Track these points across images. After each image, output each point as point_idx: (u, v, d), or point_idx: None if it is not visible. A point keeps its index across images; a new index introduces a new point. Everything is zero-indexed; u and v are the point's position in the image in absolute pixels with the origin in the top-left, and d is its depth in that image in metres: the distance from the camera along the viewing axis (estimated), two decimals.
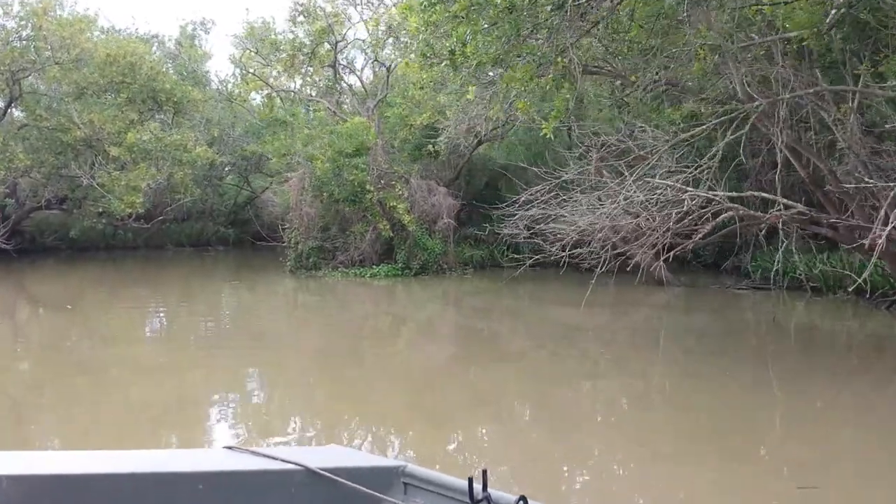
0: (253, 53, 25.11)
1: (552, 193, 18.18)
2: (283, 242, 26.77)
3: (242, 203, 36.86)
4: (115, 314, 16.49)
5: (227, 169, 35.04)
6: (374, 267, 21.57)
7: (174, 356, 11.87)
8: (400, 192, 20.95)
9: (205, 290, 21.00)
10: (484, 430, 8.27)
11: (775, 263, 12.97)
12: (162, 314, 16.64)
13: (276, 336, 14.16)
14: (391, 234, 21.15)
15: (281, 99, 27.46)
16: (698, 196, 12.51)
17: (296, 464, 2.32)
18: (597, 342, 13.51)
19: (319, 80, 25.35)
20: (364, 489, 2.24)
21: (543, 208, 17.19)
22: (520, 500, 2.00)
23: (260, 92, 32.47)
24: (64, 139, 24.57)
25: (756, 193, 13.61)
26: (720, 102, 12.05)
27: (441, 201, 21.55)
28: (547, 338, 13.69)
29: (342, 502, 2.26)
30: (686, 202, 12.37)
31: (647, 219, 13.64)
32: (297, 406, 9.42)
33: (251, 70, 27.93)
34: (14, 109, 25.89)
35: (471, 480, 2.11)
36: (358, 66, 25.71)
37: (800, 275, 16.10)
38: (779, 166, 12.13)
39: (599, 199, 15.79)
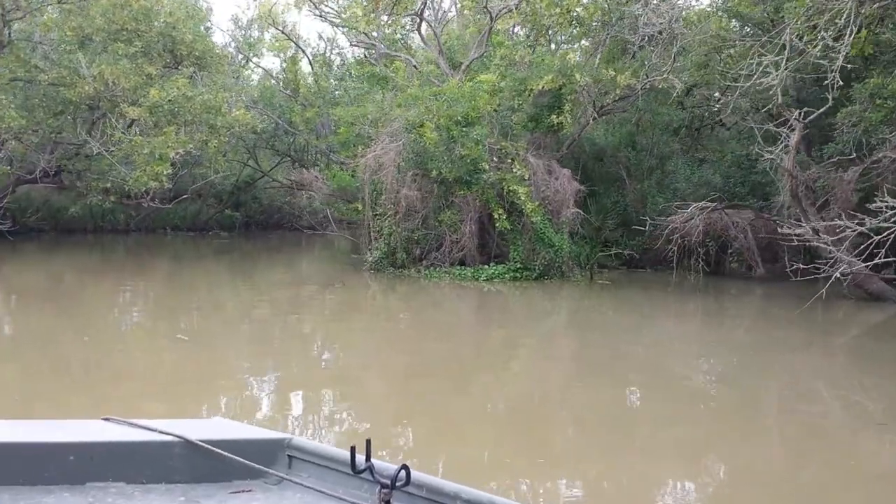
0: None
1: None
2: (329, 231, 22.37)
3: (244, 183, 31.92)
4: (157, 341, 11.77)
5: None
6: (485, 267, 17.18)
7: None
8: (520, 173, 16.57)
9: (289, 295, 16.28)
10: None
11: None
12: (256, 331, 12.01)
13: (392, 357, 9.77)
14: (508, 227, 16.75)
15: (324, 63, 22.86)
16: None
17: (174, 435, 2.24)
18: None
19: (395, 32, 20.59)
20: (246, 462, 2.19)
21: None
22: (402, 468, 1.92)
23: (280, 54, 27.74)
24: (68, 95, 19.35)
25: None
26: None
27: (566, 186, 17.23)
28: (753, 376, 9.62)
29: (223, 475, 2.20)
30: None
31: None
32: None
33: (280, 27, 23.23)
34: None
35: (353, 450, 2.03)
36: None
37: None
38: None
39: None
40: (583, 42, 21.99)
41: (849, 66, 12.10)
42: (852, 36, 8.60)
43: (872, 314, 13.90)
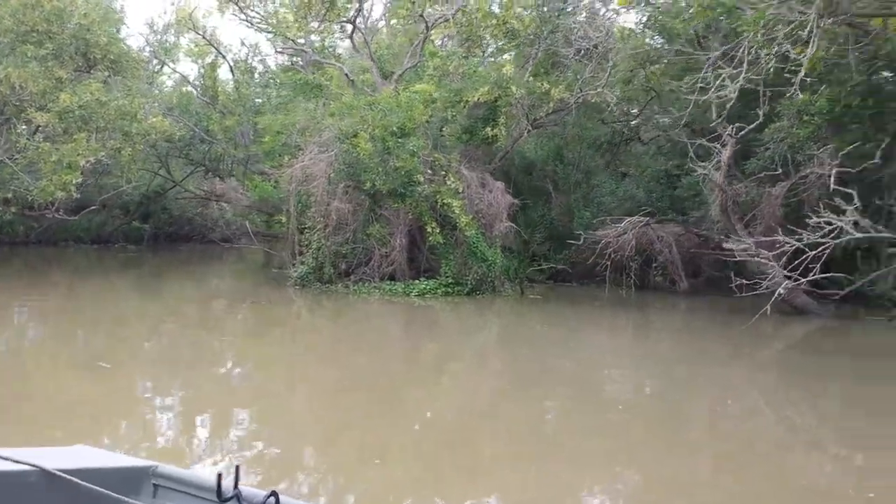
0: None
1: None
2: (245, 244, 21.60)
3: (153, 193, 30.44)
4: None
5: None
6: (416, 282, 16.82)
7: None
8: (454, 186, 16.34)
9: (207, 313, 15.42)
10: None
11: None
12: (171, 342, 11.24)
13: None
14: (441, 240, 16.45)
15: (245, 70, 22.05)
16: None
17: (29, 464, 2.11)
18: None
19: (325, 39, 20.03)
20: (108, 492, 2.07)
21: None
22: (270, 495, 1.91)
23: (198, 60, 26.70)
24: None
25: None
26: None
27: (499, 199, 17.09)
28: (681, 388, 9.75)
29: None
30: None
31: None
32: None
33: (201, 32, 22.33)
34: None
35: (220, 477, 1.98)
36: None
37: None
38: None
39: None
40: (506, 56, 22.01)
41: (767, 87, 12.47)
42: (814, 49, 8.80)
43: (797, 328, 14.29)
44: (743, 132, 14.11)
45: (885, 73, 15.32)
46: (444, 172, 16.50)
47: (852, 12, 9.72)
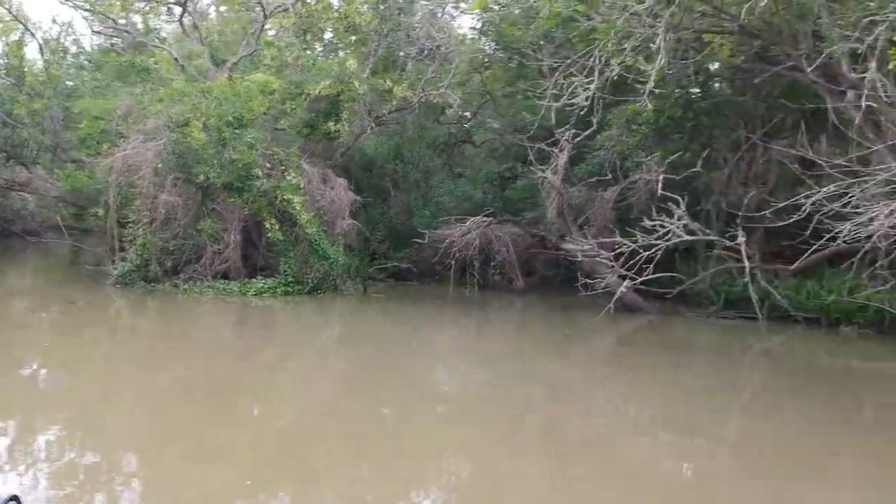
0: None
1: None
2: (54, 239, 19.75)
3: None
4: None
5: None
6: (253, 281, 16.02)
7: None
8: (295, 182, 15.73)
9: None
10: None
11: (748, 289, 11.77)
12: None
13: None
14: (280, 237, 15.78)
15: (57, 50, 19.94)
16: None
17: None
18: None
19: (150, 20, 18.51)
20: None
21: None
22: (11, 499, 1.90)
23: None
24: None
25: None
26: None
27: (342, 196, 16.69)
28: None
29: None
30: None
31: None
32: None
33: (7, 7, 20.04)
34: None
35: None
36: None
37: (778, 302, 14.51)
38: None
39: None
40: (343, 54, 21.61)
41: (605, 96, 13.09)
42: (661, 62, 9.24)
43: (626, 324, 15.10)
44: (579, 138, 14.68)
45: (694, 90, 16.58)
46: (283, 167, 15.83)
47: (693, 28, 10.39)
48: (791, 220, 10.42)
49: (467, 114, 25.03)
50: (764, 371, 11.69)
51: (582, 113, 11.79)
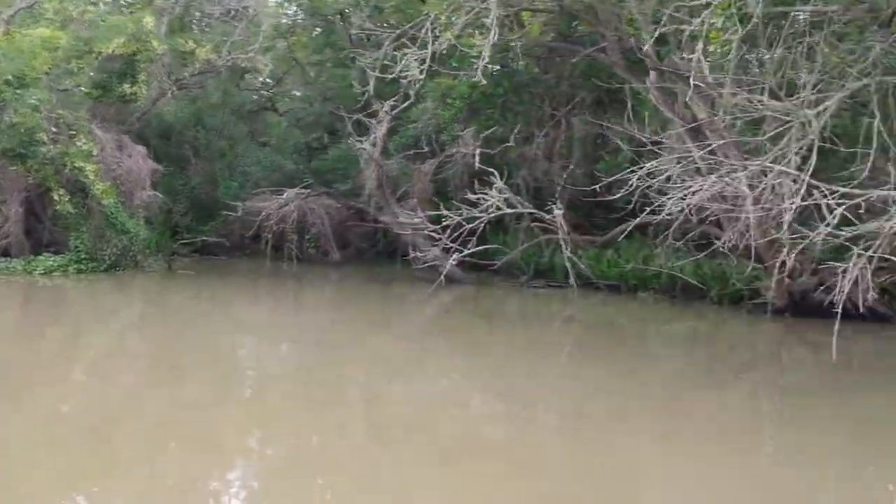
0: None
1: None
2: None
3: None
4: None
5: None
6: (40, 258, 14.38)
7: None
8: (86, 148, 14.26)
9: None
10: None
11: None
12: None
13: None
14: (71, 210, 14.28)
15: None
16: None
17: None
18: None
19: None
20: None
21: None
22: None
23: None
24: None
25: None
26: None
27: (140, 165, 15.41)
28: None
29: None
30: None
31: None
32: None
33: None
34: None
35: None
36: None
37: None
38: None
39: None
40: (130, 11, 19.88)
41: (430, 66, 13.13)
42: (494, 37, 9.35)
43: (444, 295, 15.42)
44: (397, 110, 14.64)
45: (498, 67, 17.08)
46: (72, 132, 14.29)
47: (523, 6, 10.66)
48: (619, 196, 10.96)
49: (270, 80, 24.11)
50: (571, 335, 12.41)
51: (406, 84, 11.69)
